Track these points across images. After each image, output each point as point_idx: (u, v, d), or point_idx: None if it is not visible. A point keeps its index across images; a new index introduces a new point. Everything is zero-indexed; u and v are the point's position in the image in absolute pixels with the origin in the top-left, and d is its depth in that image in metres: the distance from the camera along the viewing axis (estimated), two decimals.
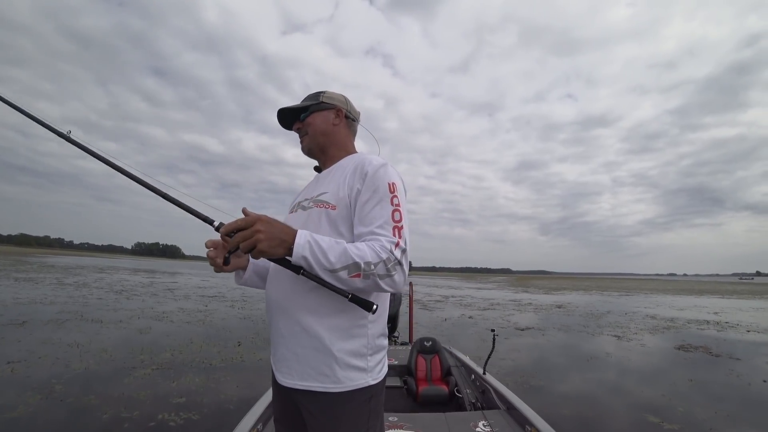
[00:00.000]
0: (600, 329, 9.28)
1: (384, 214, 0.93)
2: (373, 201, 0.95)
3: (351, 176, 1.00)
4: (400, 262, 0.88)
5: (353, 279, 0.85)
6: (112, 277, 21.27)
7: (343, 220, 0.98)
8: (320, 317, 0.93)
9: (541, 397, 4.13)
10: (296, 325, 0.95)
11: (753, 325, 10.75)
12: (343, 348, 0.93)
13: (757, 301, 21.61)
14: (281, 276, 0.99)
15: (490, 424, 2.24)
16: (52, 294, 11.23)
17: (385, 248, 0.87)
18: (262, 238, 0.82)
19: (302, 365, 0.93)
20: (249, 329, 7.38)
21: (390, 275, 0.87)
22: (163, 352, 5.18)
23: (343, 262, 0.84)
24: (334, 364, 0.91)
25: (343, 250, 0.86)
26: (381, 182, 0.97)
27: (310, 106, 1.13)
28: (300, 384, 0.93)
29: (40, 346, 5.18)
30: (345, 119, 1.15)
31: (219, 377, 4.23)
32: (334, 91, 1.17)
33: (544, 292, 25.65)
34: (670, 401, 4.11)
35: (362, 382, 0.93)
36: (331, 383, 0.91)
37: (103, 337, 5.98)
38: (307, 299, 0.94)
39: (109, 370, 4.30)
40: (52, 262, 35.92)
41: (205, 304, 11.05)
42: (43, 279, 16.44)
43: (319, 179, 1.12)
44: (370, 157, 1.05)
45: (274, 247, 0.83)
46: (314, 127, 1.12)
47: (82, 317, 7.58)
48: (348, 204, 0.98)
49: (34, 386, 3.63)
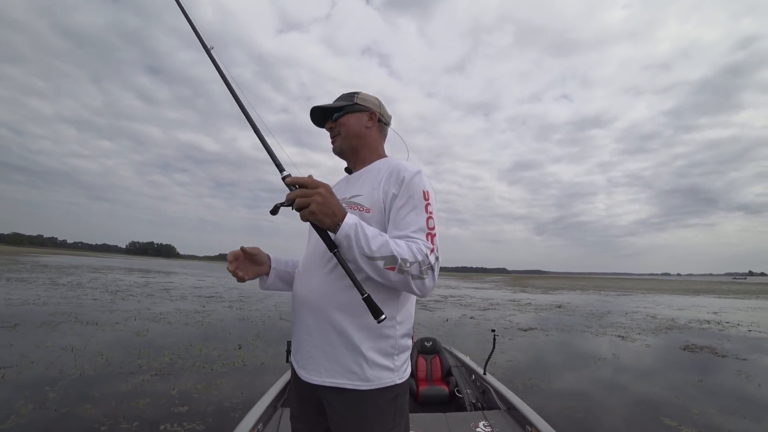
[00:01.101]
0: (603, 329, 9.22)
1: (419, 220, 0.96)
2: (408, 207, 0.97)
3: (386, 181, 1.02)
4: (433, 267, 0.91)
5: (387, 270, 0.87)
6: (106, 277, 20.96)
7: (376, 224, 0.99)
8: (350, 316, 0.95)
9: (551, 400, 4.05)
10: (326, 323, 0.96)
11: (754, 325, 10.77)
12: (372, 347, 0.95)
13: (753, 300, 21.74)
14: (312, 274, 1.02)
15: (491, 425, 2.25)
16: (46, 295, 10.98)
17: (421, 251, 0.90)
18: (319, 201, 0.84)
19: (331, 363, 0.94)
20: (248, 331, 7.22)
21: (422, 278, 0.89)
22: (162, 356, 5.00)
23: (382, 253, 0.87)
24: (363, 362, 0.93)
25: (384, 242, 0.88)
26: (416, 189, 0.98)
27: (344, 106, 1.13)
28: (328, 381, 0.94)
29: (32, 350, 4.98)
30: (377, 122, 1.16)
31: (221, 383, 4.06)
32: (368, 93, 1.17)
33: (542, 292, 25.67)
34: (683, 403, 4.06)
35: (389, 380, 0.95)
36: (360, 381, 0.93)
37: (98, 340, 5.78)
38: (339, 298, 0.96)
39: (106, 375, 4.11)
40: (45, 262, 35.48)
41: (203, 305, 10.86)
42: (36, 279, 16.14)
43: (349, 180, 1.13)
44: (404, 163, 1.06)
45: (325, 215, 0.85)
46: (347, 128, 1.12)
47: (76, 319, 7.38)
48: (382, 208, 0.99)
49: (27, 394, 3.44)
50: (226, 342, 6.12)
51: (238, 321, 8.42)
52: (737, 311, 14.83)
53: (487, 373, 3.00)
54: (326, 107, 1.14)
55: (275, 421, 2.24)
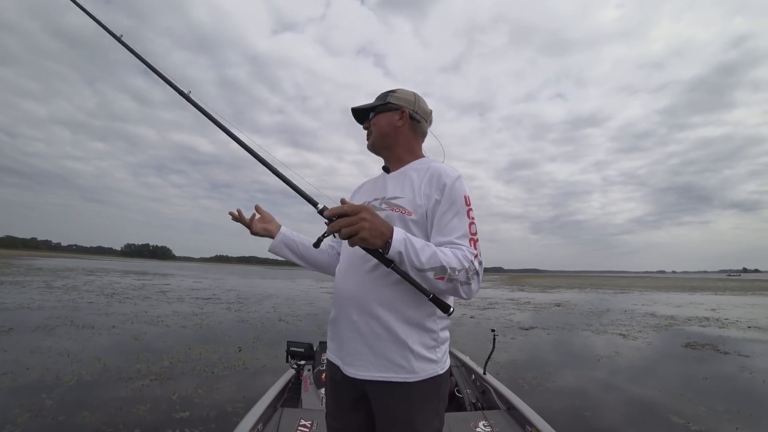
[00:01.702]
0: (603, 327, 9.21)
1: (462, 226, 0.99)
2: (452, 213, 1.00)
3: (427, 185, 1.04)
4: (478, 272, 0.95)
5: (438, 281, 0.91)
6: (102, 279, 20.73)
7: (418, 228, 1.02)
8: (396, 312, 0.99)
9: (556, 399, 4.01)
10: (372, 320, 0.99)
11: (752, 321, 10.78)
12: (418, 340, 0.99)
13: (748, 297, 21.85)
14: (356, 271, 1.05)
15: (491, 425, 2.25)
16: (40, 298, 10.80)
17: (467, 258, 0.93)
18: (366, 227, 0.84)
19: (378, 358, 0.98)
20: (248, 333, 7.12)
21: (468, 283, 0.94)
22: (161, 360, 4.89)
23: (432, 264, 0.90)
24: (410, 355, 0.97)
25: (433, 253, 0.91)
26: (458, 195, 1.01)
27: (377, 106, 1.17)
28: (376, 376, 0.98)
29: (27, 355, 4.86)
30: (410, 120, 1.16)
31: (222, 386, 3.96)
32: (405, 89, 1.20)
33: (540, 291, 25.70)
34: (690, 401, 4.03)
35: (433, 372, 1.00)
36: (407, 374, 0.97)
37: (95, 344, 5.66)
38: (385, 294, 0.99)
39: (104, 381, 3.99)
40: (39, 265, 35.09)
41: (201, 307, 10.73)
42: (30, 282, 15.91)
43: (387, 180, 1.15)
44: (444, 167, 1.08)
45: (374, 238, 0.86)
46: (378, 128, 1.16)
47: (72, 323, 7.24)
48: (424, 213, 1.02)
49: (22, 402, 3.31)
50: (226, 344, 6.02)
51: (237, 323, 8.32)
52: (734, 308, 14.88)
53: (487, 373, 2.99)
54: (362, 108, 1.19)
55: (275, 421, 2.22)
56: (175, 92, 1.30)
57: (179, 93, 1.30)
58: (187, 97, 1.29)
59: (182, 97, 1.29)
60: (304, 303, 12.94)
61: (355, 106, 1.20)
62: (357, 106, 1.20)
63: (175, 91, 1.30)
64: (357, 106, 1.20)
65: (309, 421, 2.21)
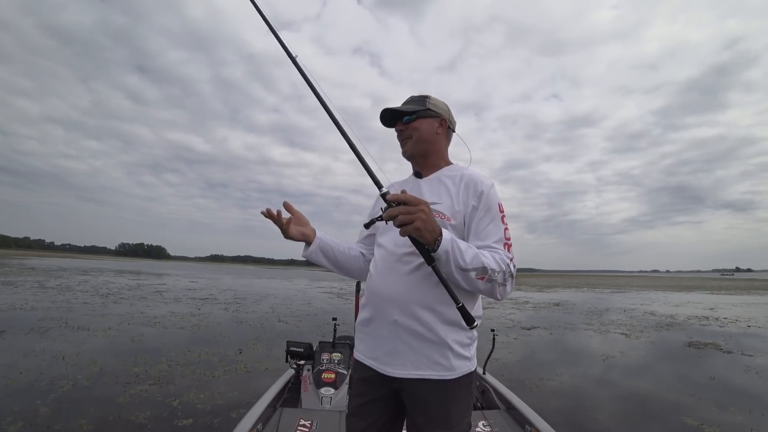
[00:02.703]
0: (605, 327, 9.18)
1: (498, 231, 1.05)
2: (488, 218, 1.06)
3: (464, 192, 1.09)
4: (513, 275, 1.01)
5: (478, 281, 0.96)
6: (96, 279, 20.45)
7: (456, 233, 1.06)
8: (436, 312, 1.02)
9: (562, 400, 3.95)
10: (413, 319, 1.02)
11: (752, 320, 10.84)
12: (455, 339, 1.03)
13: (745, 296, 22.02)
14: (396, 273, 1.07)
15: (490, 424, 2.26)
16: (34, 299, 10.58)
17: (503, 260, 0.99)
18: (423, 219, 0.88)
19: (418, 356, 1.01)
20: (247, 334, 6.99)
21: (504, 285, 1.00)
22: (159, 363, 4.74)
23: (474, 264, 0.94)
24: (449, 353, 1.02)
25: (475, 254, 0.96)
26: (493, 202, 1.08)
27: (417, 111, 1.16)
28: (415, 374, 1.01)
29: (21, 359, 4.69)
30: (446, 129, 1.20)
31: (225, 391, 3.82)
32: (437, 98, 1.20)
33: (538, 290, 25.75)
34: (699, 401, 4.00)
35: (467, 369, 1.05)
36: (446, 371, 1.01)
37: (91, 346, 5.50)
38: (424, 295, 1.02)
39: (101, 386, 3.83)
40: (32, 264, 34.66)
41: (198, 308, 10.57)
42: (24, 282, 15.64)
43: (422, 186, 1.16)
44: (478, 174, 1.13)
45: (427, 232, 0.89)
46: (420, 133, 1.16)
47: (66, 324, 7.06)
48: (462, 219, 1.08)
49: (15, 409, 3.15)
50: (226, 346, 5.88)
51: (236, 324, 8.18)
52: (732, 307, 14.96)
53: (487, 373, 3.00)
54: (399, 110, 1.17)
55: (275, 421, 2.22)
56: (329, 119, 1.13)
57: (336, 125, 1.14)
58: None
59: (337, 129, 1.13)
60: (302, 303, 12.82)
61: (393, 107, 1.18)
62: (395, 108, 1.17)
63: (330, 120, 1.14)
64: (394, 107, 1.18)
65: (309, 421, 2.22)
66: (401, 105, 1.20)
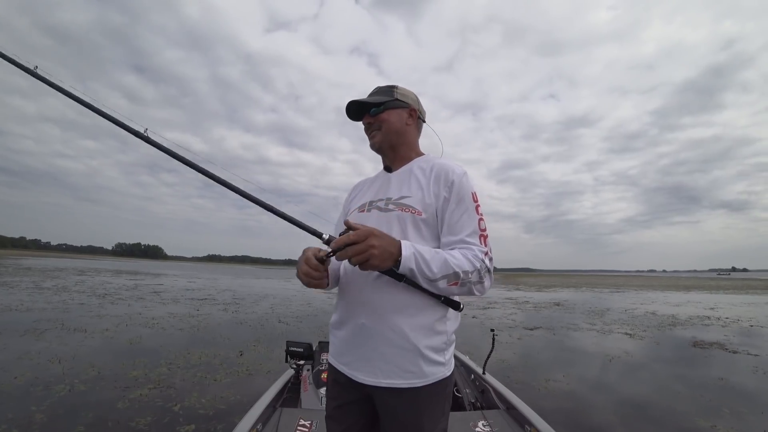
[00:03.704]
0: (608, 327, 9.13)
1: (472, 223, 0.99)
2: (460, 210, 1.00)
3: (434, 183, 1.03)
4: (490, 269, 0.96)
5: (451, 287, 0.93)
6: (93, 279, 20.25)
7: (428, 226, 1.01)
8: (407, 316, 0.97)
9: (574, 402, 3.88)
10: (383, 325, 0.97)
11: (753, 320, 10.84)
12: (428, 345, 0.97)
13: (743, 295, 22.06)
14: (363, 277, 1.01)
15: (490, 424, 2.26)
16: (29, 299, 10.42)
17: (477, 257, 0.95)
18: (376, 254, 0.84)
19: (388, 364, 0.96)
20: (248, 336, 6.87)
21: (481, 282, 0.95)
22: (159, 366, 4.62)
23: (444, 272, 0.90)
24: (420, 360, 0.96)
25: (443, 261, 0.91)
26: (466, 192, 1.01)
27: (385, 101, 1.10)
28: (385, 382, 0.96)
29: (15, 362, 4.56)
30: (416, 119, 1.15)
31: (228, 395, 3.71)
32: (405, 87, 1.15)
33: (537, 290, 25.74)
34: (710, 402, 3.95)
35: (441, 374, 0.99)
36: (417, 378, 0.96)
37: (88, 349, 5.37)
38: (395, 299, 0.97)
39: (99, 391, 3.71)
40: (28, 264, 34.37)
41: (197, 308, 10.44)
42: (19, 283, 15.44)
43: (392, 180, 1.12)
44: (449, 163, 1.06)
45: (385, 261, 0.87)
46: (389, 124, 1.10)
47: (63, 326, 6.92)
48: (434, 211, 1.01)
49: (10, 416, 3.02)
50: (226, 348, 5.77)
51: (236, 325, 8.07)
52: (732, 307, 14.96)
53: (487, 373, 3.00)
54: (365, 102, 1.10)
55: (274, 421, 2.22)
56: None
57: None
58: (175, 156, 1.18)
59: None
60: (302, 303, 12.71)
61: (359, 99, 1.11)
62: (362, 99, 1.11)
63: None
64: (361, 99, 1.11)
65: (308, 421, 2.20)
66: (368, 96, 1.14)
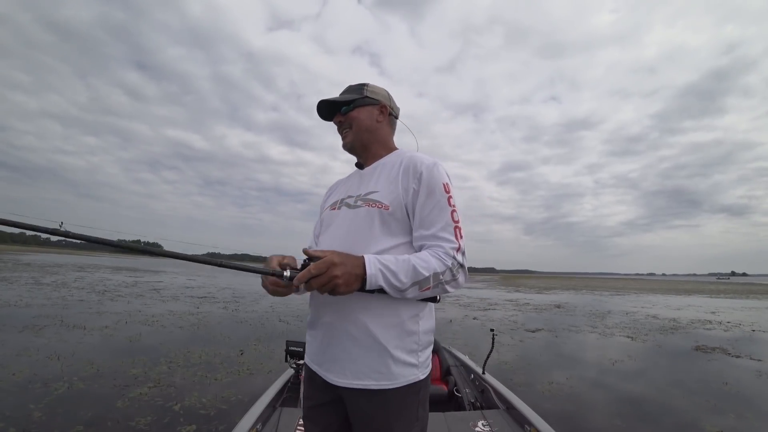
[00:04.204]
0: (609, 330, 9.08)
1: (443, 216, 0.96)
2: (431, 203, 0.97)
3: (404, 176, 1.00)
4: (462, 264, 0.94)
5: (424, 291, 0.90)
6: (92, 276, 20.22)
7: (396, 221, 0.98)
8: (376, 316, 0.94)
9: (578, 405, 3.86)
10: (352, 325, 0.95)
11: (755, 325, 10.81)
12: (398, 345, 0.94)
13: (744, 300, 22.02)
14: None
15: (490, 424, 2.25)
16: (28, 295, 10.38)
17: (448, 254, 0.92)
18: (341, 282, 0.83)
19: (357, 365, 0.94)
20: (248, 334, 6.83)
21: (455, 278, 0.93)
22: (159, 365, 4.58)
23: (414, 279, 0.88)
24: (390, 361, 0.93)
25: (411, 268, 0.88)
26: (436, 183, 0.98)
27: (354, 99, 1.09)
28: (355, 383, 0.94)
29: (14, 359, 4.51)
30: (388, 116, 1.13)
31: (228, 396, 3.66)
32: (376, 85, 1.12)
33: (537, 292, 25.68)
34: (715, 407, 3.92)
35: (413, 377, 0.95)
36: (387, 380, 0.93)
37: (87, 346, 5.33)
38: (362, 299, 0.94)
39: (98, 389, 3.66)
40: (27, 260, 34.35)
41: (196, 306, 10.40)
42: (18, 279, 15.41)
43: (362, 176, 1.10)
44: (419, 155, 1.03)
45: (351, 285, 0.85)
46: (359, 122, 1.09)
47: (62, 322, 6.89)
48: (402, 204, 0.98)
49: (8, 414, 2.98)
50: (227, 347, 5.72)
51: (236, 323, 8.03)
52: (734, 311, 14.92)
53: (486, 373, 3.01)
54: (335, 101, 1.09)
55: (274, 420, 2.22)
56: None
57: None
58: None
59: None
60: (302, 302, 12.62)
61: (329, 98, 1.09)
62: (330, 99, 1.09)
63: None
64: (332, 98, 1.09)
65: None
66: (339, 95, 1.12)
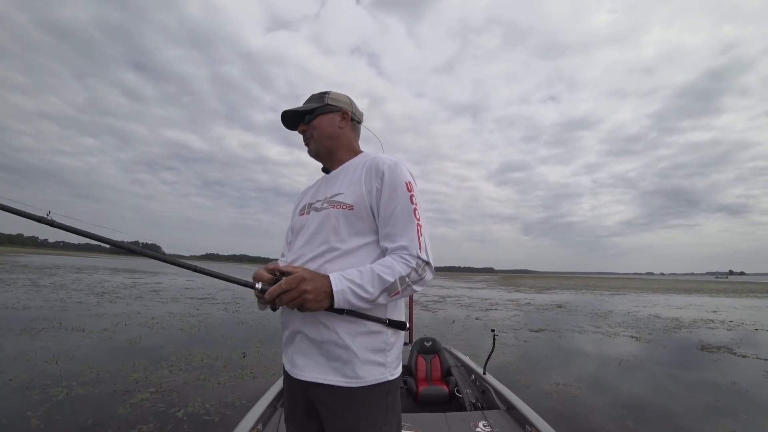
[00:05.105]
0: (612, 330, 9.03)
1: (406, 215, 0.97)
2: (394, 201, 0.98)
3: (366, 176, 1.02)
4: (427, 262, 0.95)
5: (394, 296, 0.92)
6: (91, 277, 20.09)
7: (360, 220, 1.00)
8: (343, 318, 0.94)
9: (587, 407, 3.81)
10: (316, 320, 0.95)
11: (758, 324, 10.79)
12: (364, 343, 0.94)
13: (744, 299, 22.02)
14: None
15: (490, 424, 2.25)
16: (26, 297, 10.27)
17: (412, 255, 0.93)
18: (310, 298, 0.85)
19: (321, 359, 0.95)
20: (250, 336, 6.75)
21: (422, 277, 0.94)
22: (160, 368, 4.49)
23: (380, 287, 0.89)
24: (355, 359, 0.93)
25: (376, 276, 0.90)
26: (398, 182, 0.99)
27: (315, 108, 1.11)
28: (320, 378, 0.94)
29: (11, 363, 4.42)
30: (350, 121, 1.15)
31: (232, 401, 3.58)
32: (339, 92, 1.16)
33: (537, 292, 25.67)
34: (726, 407, 3.88)
35: (381, 377, 0.95)
36: (351, 378, 0.93)
37: (86, 349, 5.24)
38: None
39: (98, 395, 3.57)
40: (25, 262, 34.17)
41: (197, 308, 10.31)
42: (16, 280, 15.29)
43: (328, 180, 1.12)
44: (381, 156, 1.05)
45: (320, 302, 0.87)
46: (320, 130, 1.11)
47: (60, 325, 6.79)
48: (366, 204, 1.00)
49: (3, 422, 2.90)
50: (229, 349, 5.64)
51: (237, 325, 7.94)
52: (734, 310, 14.90)
53: (487, 373, 3.01)
54: (297, 111, 1.12)
55: (275, 421, 2.21)
56: None
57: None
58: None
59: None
60: None
61: (290, 109, 1.12)
62: (292, 109, 1.12)
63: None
64: (292, 108, 1.12)
65: None
66: (303, 104, 1.15)
